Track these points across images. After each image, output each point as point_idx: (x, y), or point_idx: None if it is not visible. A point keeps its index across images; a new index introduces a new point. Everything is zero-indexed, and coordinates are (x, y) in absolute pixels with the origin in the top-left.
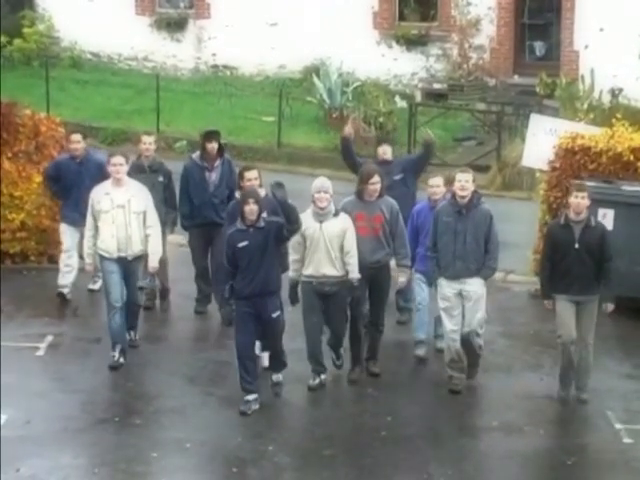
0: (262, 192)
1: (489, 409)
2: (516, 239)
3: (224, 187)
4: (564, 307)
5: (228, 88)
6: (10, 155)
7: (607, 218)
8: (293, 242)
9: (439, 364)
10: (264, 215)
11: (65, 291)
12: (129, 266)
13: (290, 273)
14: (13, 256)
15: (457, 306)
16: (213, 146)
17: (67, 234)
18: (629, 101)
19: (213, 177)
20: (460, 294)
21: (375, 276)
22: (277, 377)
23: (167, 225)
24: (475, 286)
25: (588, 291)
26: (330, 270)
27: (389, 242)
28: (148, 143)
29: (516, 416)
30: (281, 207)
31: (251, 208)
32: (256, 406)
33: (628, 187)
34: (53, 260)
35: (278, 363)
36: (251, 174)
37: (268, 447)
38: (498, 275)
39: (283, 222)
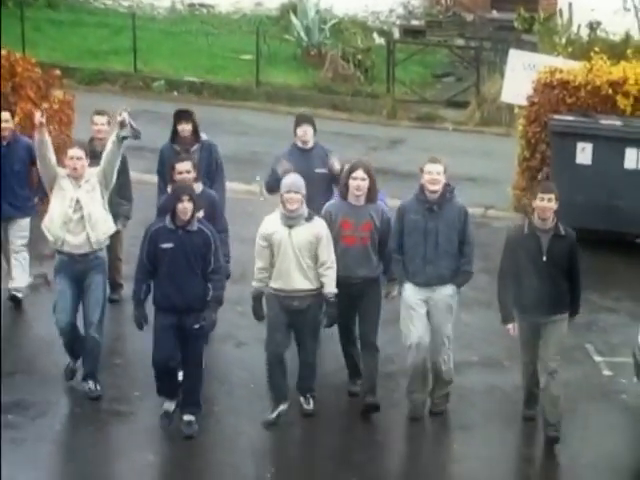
0: (199, 187)
1: (469, 345)
2: (495, 175)
3: (203, 176)
4: (527, 331)
5: (205, 27)
6: None
7: (586, 152)
8: (257, 248)
9: None
10: (200, 214)
11: (20, 295)
12: (86, 278)
13: (253, 283)
14: None
15: (423, 315)
16: (184, 128)
17: None
18: (607, 34)
19: None
20: (427, 302)
21: (363, 292)
22: (189, 417)
23: (118, 219)
24: (445, 295)
25: (556, 311)
26: (301, 283)
27: (377, 253)
28: (100, 124)
29: (496, 351)
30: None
31: (185, 207)
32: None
33: (607, 121)
34: None
35: (192, 400)
36: (182, 166)
37: (250, 385)
38: (478, 211)
39: (213, 235)
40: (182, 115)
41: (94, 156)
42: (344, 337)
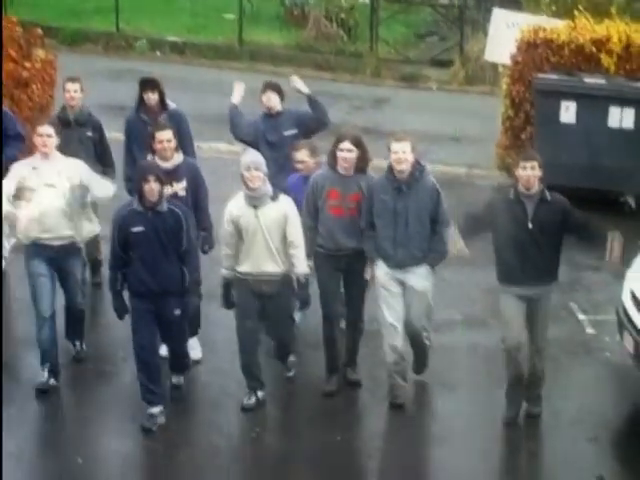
0: (179, 157)
1: (453, 303)
2: (479, 134)
3: None
4: (511, 304)
5: None
6: None
7: (570, 111)
8: (224, 233)
9: None
10: (183, 184)
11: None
12: (63, 262)
13: (222, 270)
14: None
15: (399, 295)
16: (149, 97)
17: None
18: None
19: None
20: (402, 283)
21: (350, 265)
22: (178, 380)
23: None
24: (419, 277)
25: (543, 282)
26: (271, 266)
27: None
28: (73, 91)
29: (480, 309)
30: None
31: (151, 188)
32: (162, 419)
33: (590, 79)
34: None
35: (179, 362)
36: (163, 135)
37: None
38: (462, 170)
39: (185, 214)
40: (147, 83)
41: (66, 125)
42: (328, 326)
